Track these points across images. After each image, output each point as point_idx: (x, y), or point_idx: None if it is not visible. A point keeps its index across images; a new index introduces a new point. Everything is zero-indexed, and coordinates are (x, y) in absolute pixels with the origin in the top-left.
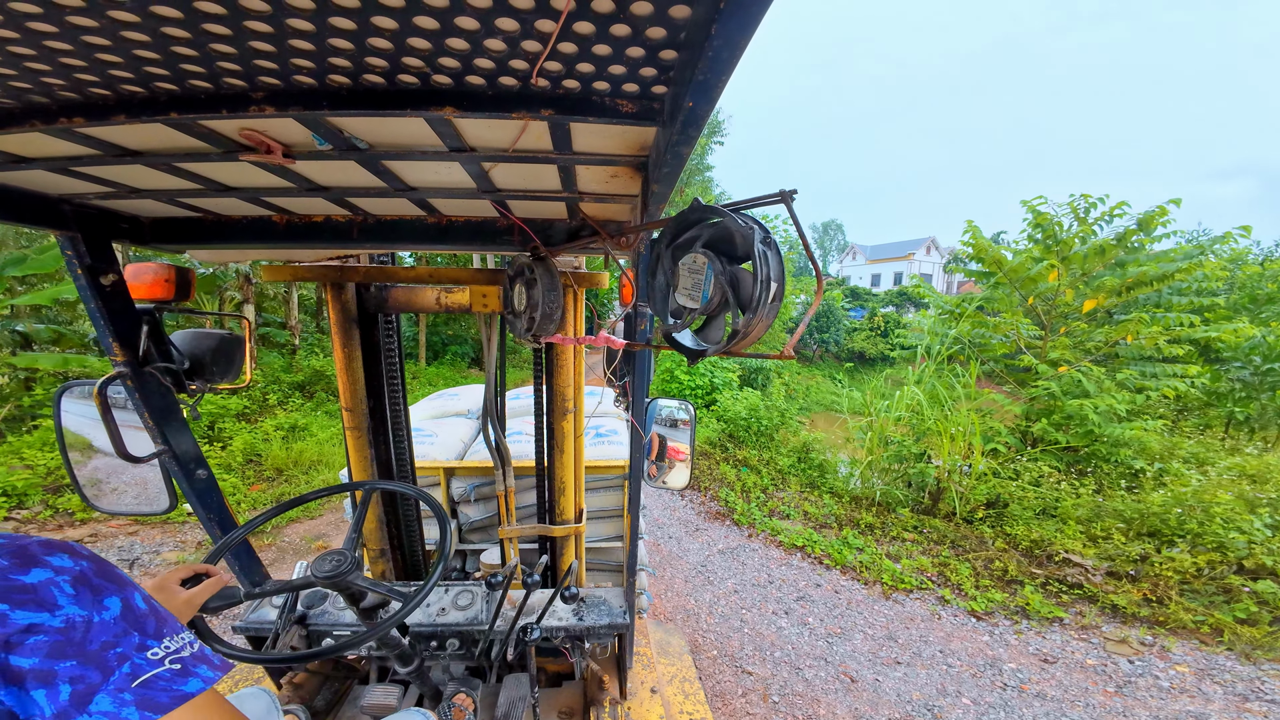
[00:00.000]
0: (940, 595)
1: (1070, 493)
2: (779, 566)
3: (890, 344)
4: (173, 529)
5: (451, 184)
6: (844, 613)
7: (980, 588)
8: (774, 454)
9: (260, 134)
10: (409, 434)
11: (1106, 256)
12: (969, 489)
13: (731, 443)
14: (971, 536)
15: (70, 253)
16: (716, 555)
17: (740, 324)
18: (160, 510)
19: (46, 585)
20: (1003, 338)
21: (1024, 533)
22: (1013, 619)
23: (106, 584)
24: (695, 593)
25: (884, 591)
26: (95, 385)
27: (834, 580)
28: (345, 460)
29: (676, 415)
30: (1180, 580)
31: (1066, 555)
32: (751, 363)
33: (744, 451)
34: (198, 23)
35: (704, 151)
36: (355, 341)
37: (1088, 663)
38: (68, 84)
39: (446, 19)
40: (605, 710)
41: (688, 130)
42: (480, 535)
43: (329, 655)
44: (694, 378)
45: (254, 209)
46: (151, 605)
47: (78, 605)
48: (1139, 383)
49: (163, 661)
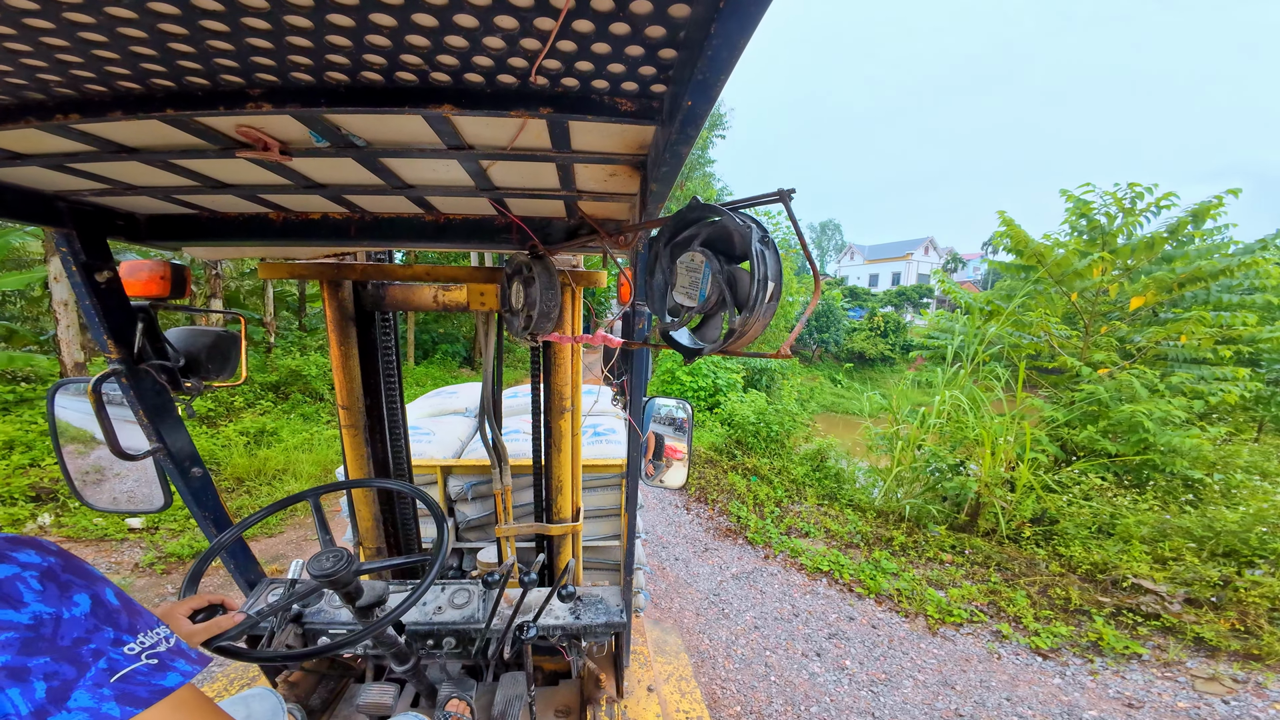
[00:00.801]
0: (996, 630)
1: (1130, 508)
2: (803, 595)
3: (890, 344)
4: (108, 548)
5: (450, 182)
6: (887, 653)
7: (1041, 620)
8: (785, 462)
9: (257, 131)
10: (406, 432)
11: (1155, 250)
12: (1013, 504)
13: (739, 449)
14: (1019, 558)
15: (65, 249)
16: (730, 581)
17: (737, 323)
18: (154, 509)
19: (12, 581)
20: (1035, 337)
21: (1082, 554)
22: (1084, 656)
23: (75, 579)
24: (709, 629)
25: (930, 626)
26: (90, 382)
27: (869, 612)
28: (315, 466)
29: (674, 414)
30: (1270, 608)
31: (1136, 580)
32: (756, 363)
33: (753, 459)
34: (195, 19)
35: (705, 145)
36: (352, 339)
37: (1178, 705)
38: (64, 80)
39: (446, 17)
40: (602, 709)
41: (687, 129)
42: (477, 534)
43: (325, 654)
44: (696, 379)
45: (251, 206)
46: (124, 600)
47: (44, 602)
48: (1192, 387)
49: (139, 656)
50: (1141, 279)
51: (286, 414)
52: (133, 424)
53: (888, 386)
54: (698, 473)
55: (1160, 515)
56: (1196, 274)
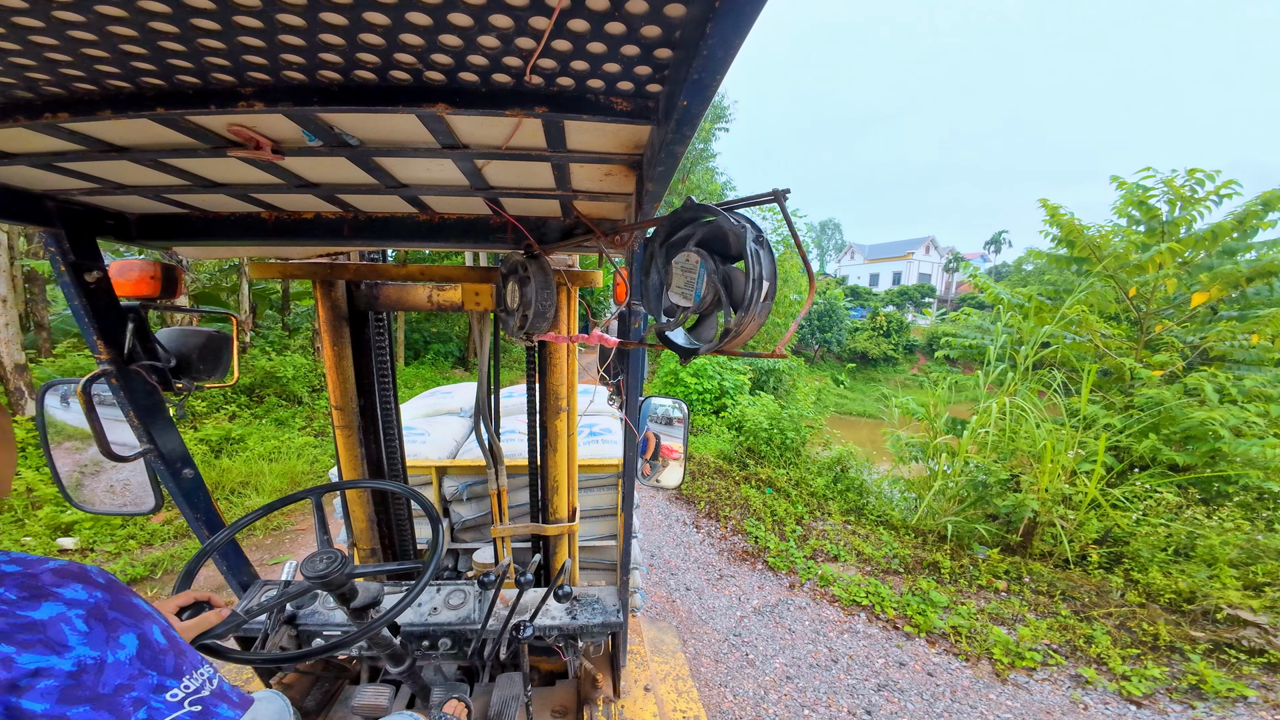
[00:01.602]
0: (1077, 674)
1: (1210, 526)
2: (841, 635)
3: (893, 344)
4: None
5: (444, 181)
6: (951, 708)
7: (1128, 660)
8: (803, 472)
9: (249, 130)
10: (400, 433)
11: (1218, 242)
12: (1074, 523)
13: (751, 458)
14: (1087, 585)
15: (54, 249)
16: (752, 617)
17: (732, 323)
18: (146, 510)
19: (57, 622)
20: (1080, 337)
21: (1162, 581)
22: (1185, 702)
23: (123, 618)
24: (732, 680)
25: (997, 671)
26: (79, 383)
27: (922, 655)
28: (281, 479)
29: (671, 414)
30: None
31: (1232, 610)
32: (763, 364)
33: (767, 469)
34: (186, 18)
35: (708, 137)
36: (345, 340)
37: None
38: (53, 79)
39: (440, 15)
40: (599, 709)
41: (682, 129)
42: (473, 534)
43: (319, 655)
44: (701, 380)
45: (242, 205)
46: (171, 638)
47: (89, 644)
48: (1261, 390)
49: (182, 704)
50: (1202, 274)
51: (259, 418)
52: (123, 424)
53: (933, 393)
54: (707, 485)
55: (1247, 535)
56: (1268, 268)
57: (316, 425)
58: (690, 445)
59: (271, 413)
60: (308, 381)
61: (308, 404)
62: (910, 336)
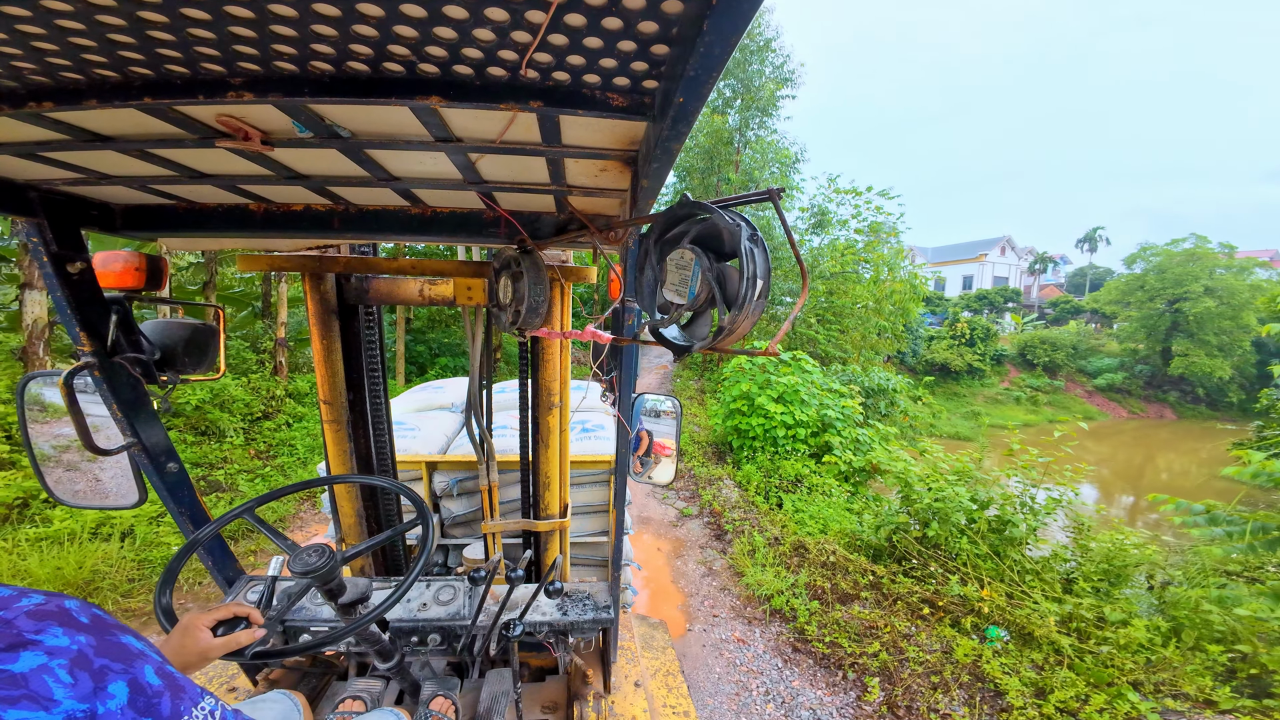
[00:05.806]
0: None
1: None
2: None
3: (978, 353)
4: None
5: (437, 174)
6: None
7: None
8: (1037, 582)
9: (238, 120)
10: (390, 427)
11: None
12: None
13: (919, 559)
14: None
15: (36, 240)
16: None
17: (726, 320)
18: (129, 504)
19: (39, 674)
20: None
21: None
22: None
23: (110, 664)
24: None
25: None
26: (61, 375)
27: None
28: (250, 490)
29: (660, 408)
30: None
31: None
32: (872, 382)
33: (969, 587)
34: (176, 6)
35: (770, 105)
36: (334, 333)
37: None
38: (38, 68)
39: (434, 7)
40: (589, 704)
41: (678, 126)
42: (463, 530)
43: (307, 651)
44: (790, 409)
45: (230, 197)
46: (166, 674)
47: (76, 697)
48: None
49: None
50: None
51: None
52: (106, 418)
53: (981, 403)
54: (830, 611)
55: None
56: None
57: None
58: (786, 516)
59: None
60: (244, 408)
61: (231, 441)
62: (998, 345)
